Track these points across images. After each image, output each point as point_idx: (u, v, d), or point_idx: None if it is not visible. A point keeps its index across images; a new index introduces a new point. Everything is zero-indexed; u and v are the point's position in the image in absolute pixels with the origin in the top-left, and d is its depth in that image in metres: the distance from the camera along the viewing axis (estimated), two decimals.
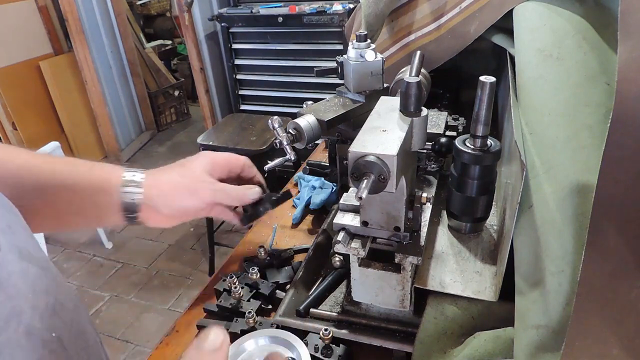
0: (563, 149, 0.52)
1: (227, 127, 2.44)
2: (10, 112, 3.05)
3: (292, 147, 0.75)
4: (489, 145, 0.65)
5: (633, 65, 0.39)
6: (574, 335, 0.41)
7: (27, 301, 0.35)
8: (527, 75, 0.63)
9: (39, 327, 0.35)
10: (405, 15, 1.04)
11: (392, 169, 0.51)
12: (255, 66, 2.84)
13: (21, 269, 0.36)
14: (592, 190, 0.40)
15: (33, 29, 3.24)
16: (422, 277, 0.65)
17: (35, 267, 0.38)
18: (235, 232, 2.90)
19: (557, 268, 0.47)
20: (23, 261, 0.37)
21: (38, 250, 0.41)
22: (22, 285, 0.35)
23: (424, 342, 0.62)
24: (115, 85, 3.78)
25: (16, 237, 0.38)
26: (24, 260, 0.37)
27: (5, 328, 0.33)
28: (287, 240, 0.98)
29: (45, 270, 0.40)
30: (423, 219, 0.66)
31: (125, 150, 3.91)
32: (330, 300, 0.75)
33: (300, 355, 0.59)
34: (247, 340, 0.61)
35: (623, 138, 0.39)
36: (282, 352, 0.60)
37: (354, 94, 0.78)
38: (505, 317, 0.59)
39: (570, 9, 0.64)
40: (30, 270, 0.37)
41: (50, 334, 0.36)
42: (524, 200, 0.55)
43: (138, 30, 4.36)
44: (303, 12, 2.50)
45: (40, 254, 0.41)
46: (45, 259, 0.42)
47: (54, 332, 0.37)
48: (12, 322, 0.33)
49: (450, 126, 0.86)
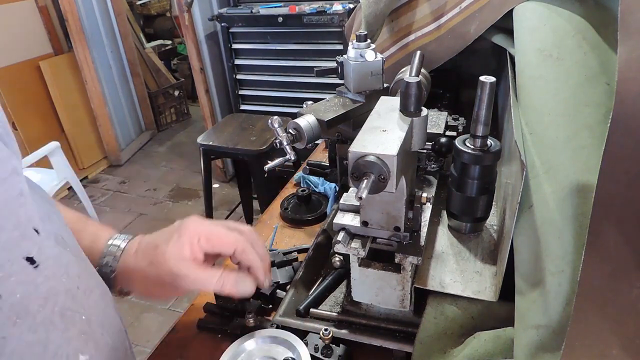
0: (563, 149, 0.52)
1: (227, 127, 2.44)
2: (10, 112, 3.05)
3: (292, 147, 0.75)
4: (489, 145, 0.65)
5: (633, 65, 0.39)
6: (574, 335, 0.41)
7: (61, 284, 0.38)
8: (527, 75, 0.63)
9: (71, 309, 0.38)
10: (405, 15, 1.04)
11: (392, 169, 0.51)
12: (255, 66, 2.83)
13: (57, 253, 0.39)
14: (592, 190, 0.40)
15: (33, 29, 3.24)
16: (422, 277, 0.65)
17: (69, 253, 0.41)
18: None
19: (557, 268, 0.47)
20: (59, 246, 0.40)
21: (72, 239, 0.44)
22: (58, 268, 0.38)
23: (424, 342, 0.62)
24: (115, 85, 3.78)
25: (53, 225, 0.41)
26: (60, 246, 0.40)
27: (43, 306, 0.36)
28: (287, 240, 0.98)
29: (78, 257, 0.43)
30: (423, 219, 0.66)
31: (125, 150, 3.91)
32: (330, 300, 0.75)
33: (300, 355, 0.59)
34: (247, 340, 0.61)
35: (623, 138, 0.39)
36: (282, 352, 0.60)
37: (354, 94, 0.78)
38: (505, 317, 0.59)
39: (570, 9, 0.64)
40: (64, 255, 0.40)
41: (80, 316, 0.39)
42: (524, 200, 0.55)
43: (138, 30, 4.36)
44: (303, 12, 2.50)
45: (73, 242, 0.44)
46: (77, 247, 0.45)
47: (84, 315, 0.40)
48: (50, 302, 0.36)
49: (450, 126, 0.86)
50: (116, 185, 3.58)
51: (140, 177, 3.67)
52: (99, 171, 3.76)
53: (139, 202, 3.32)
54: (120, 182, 3.62)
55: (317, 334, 0.67)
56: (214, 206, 2.76)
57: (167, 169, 3.76)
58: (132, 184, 3.57)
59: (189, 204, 3.25)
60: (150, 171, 3.74)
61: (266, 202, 1.29)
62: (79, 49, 3.34)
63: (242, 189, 2.74)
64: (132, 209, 3.24)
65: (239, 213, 2.90)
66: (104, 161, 3.83)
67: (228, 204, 3.12)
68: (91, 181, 3.63)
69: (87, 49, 3.37)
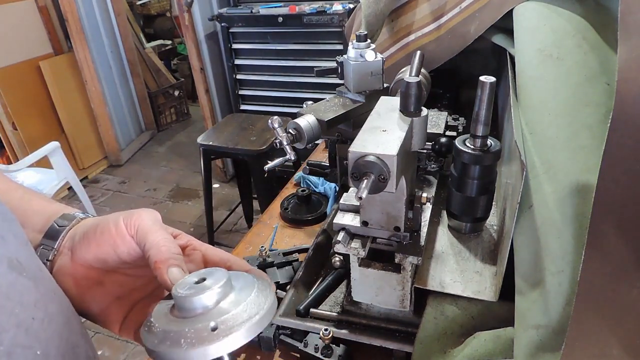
0: (563, 149, 0.52)
1: (227, 127, 2.44)
2: (10, 112, 3.05)
3: (292, 147, 0.75)
4: (489, 145, 0.65)
5: (633, 65, 0.39)
6: (574, 335, 0.41)
7: (12, 317, 0.33)
8: (527, 75, 0.63)
9: (22, 344, 0.33)
10: (405, 15, 1.04)
11: (392, 169, 0.51)
12: (255, 66, 2.83)
13: (9, 281, 0.34)
14: (592, 190, 0.40)
15: (33, 29, 3.24)
16: (422, 277, 0.65)
17: (26, 278, 0.36)
18: (235, 232, 2.90)
19: (557, 268, 0.47)
20: (13, 272, 0.35)
21: (31, 259, 0.39)
22: (9, 299, 0.34)
23: (424, 342, 0.62)
24: (115, 85, 3.78)
25: (8, 247, 0.36)
26: (14, 272, 0.35)
27: None
28: (287, 240, 0.98)
29: (36, 282, 0.38)
30: (423, 219, 0.66)
31: (125, 150, 3.91)
32: (330, 300, 0.75)
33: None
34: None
35: (623, 138, 0.39)
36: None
37: (354, 94, 0.78)
38: (505, 317, 0.59)
39: (570, 9, 0.64)
40: (19, 282, 0.35)
41: (35, 351, 0.34)
42: (524, 200, 0.55)
43: (138, 30, 4.36)
44: (303, 12, 2.50)
45: (32, 263, 0.39)
46: (37, 269, 0.39)
47: (39, 349, 0.35)
48: None
49: (450, 126, 0.86)
50: (116, 185, 3.58)
51: (140, 177, 3.67)
52: (99, 171, 3.76)
53: (139, 202, 3.32)
54: (120, 182, 3.62)
55: (317, 334, 0.67)
56: (214, 206, 2.76)
57: (167, 169, 3.76)
58: (132, 184, 3.57)
59: (189, 204, 3.25)
60: (150, 171, 3.74)
61: (266, 202, 1.29)
62: (79, 49, 3.33)
63: (242, 189, 2.74)
64: (132, 209, 3.24)
65: (239, 213, 2.90)
66: (104, 161, 3.83)
67: (228, 204, 3.12)
68: (91, 181, 3.63)
69: (87, 49, 3.37)
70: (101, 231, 0.45)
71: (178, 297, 0.36)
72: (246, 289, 0.38)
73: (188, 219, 3.05)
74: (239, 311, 0.35)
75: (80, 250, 0.45)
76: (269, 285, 0.41)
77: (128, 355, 2.15)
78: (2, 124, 3.06)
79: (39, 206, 0.50)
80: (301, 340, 0.69)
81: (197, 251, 0.49)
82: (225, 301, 0.36)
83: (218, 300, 0.36)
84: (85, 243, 0.45)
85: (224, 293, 0.36)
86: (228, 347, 0.33)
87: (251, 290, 0.37)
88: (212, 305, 0.36)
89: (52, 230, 0.47)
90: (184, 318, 0.35)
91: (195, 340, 0.33)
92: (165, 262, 0.41)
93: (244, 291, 0.37)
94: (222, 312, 0.35)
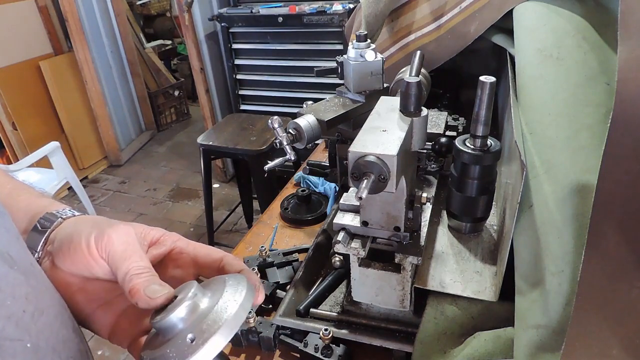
0: (563, 149, 0.52)
1: (227, 127, 2.44)
2: (10, 112, 3.05)
3: (292, 147, 0.75)
4: (489, 145, 0.65)
5: (633, 65, 0.39)
6: (574, 335, 0.41)
7: (2, 308, 0.33)
8: (527, 75, 0.63)
9: (11, 337, 0.33)
10: (405, 15, 1.04)
11: (392, 169, 0.51)
12: (255, 66, 2.83)
13: (1, 273, 0.34)
14: (592, 190, 0.40)
15: (33, 29, 3.24)
16: (422, 277, 0.65)
17: (17, 272, 0.36)
18: (235, 232, 2.90)
19: (557, 268, 0.47)
20: (4, 265, 0.35)
21: (22, 254, 0.39)
22: (1, 291, 0.34)
23: (424, 342, 0.62)
24: (115, 85, 3.78)
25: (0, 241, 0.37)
26: (5, 264, 0.35)
27: None
28: (287, 240, 0.98)
29: (28, 276, 0.38)
30: (423, 219, 0.66)
31: (125, 150, 3.91)
32: (330, 300, 0.75)
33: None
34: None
35: (623, 138, 0.39)
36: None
37: (354, 94, 0.78)
38: (505, 317, 0.59)
39: (570, 9, 0.64)
40: (10, 275, 0.35)
41: (25, 344, 0.34)
42: (524, 200, 0.55)
43: (138, 30, 4.36)
44: (303, 12, 2.50)
45: (24, 257, 0.39)
46: (29, 263, 0.39)
47: (29, 342, 0.35)
48: None
49: (450, 126, 0.86)
50: (116, 185, 3.58)
51: (140, 177, 3.67)
52: (99, 171, 3.76)
53: (139, 202, 3.32)
54: (120, 182, 3.62)
55: (317, 334, 0.67)
56: (214, 206, 2.76)
57: (167, 169, 3.76)
58: (132, 184, 3.57)
59: (189, 204, 3.25)
60: (150, 171, 3.74)
61: (266, 202, 1.29)
62: (79, 49, 3.33)
63: (242, 189, 2.74)
64: (132, 209, 3.24)
65: (239, 213, 2.90)
66: (104, 161, 3.83)
67: (228, 204, 3.12)
68: (91, 181, 3.63)
69: (87, 49, 3.37)
70: (74, 249, 0.43)
71: (155, 324, 0.37)
72: (217, 290, 0.38)
73: (188, 219, 3.05)
74: (213, 315, 0.35)
75: (57, 259, 0.44)
76: (242, 279, 0.40)
77: (128, 355, 2.14)
78: (2, 124, 3.06)
79: (25, 203, 0.49)
80: (301, 340, 0.69)
81: (184, 254, 0.47)
82: (199, 309, 0.36)
83: (190, 311, 0.36)
84: (60, 255, 0.44)
85: (195, 303, 0.37)
86: (210, 352, 0.34)
87: (222, 290, 0.37)
88: (187, 315, 0.36)
89: (34, 234, 0.46)
90: (168, 341, 0.36)
91: (178, 357, 0.34)
92: (139, 286, 0.40)
93: (216, 294, 0.38)
94: (198, 321, 0.35)
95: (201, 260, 0.47)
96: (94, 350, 2.17)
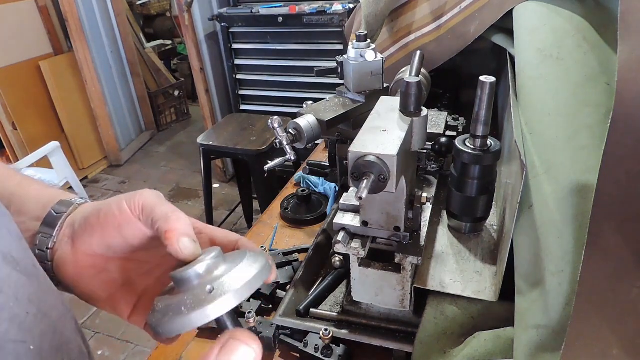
0: (563, 149, 0.52)
1: (227, 127, 2.44)
2: (10, 112, 3.05)
3: (292, 147, 0.75)
4: (489, 145, 0.65)
5: (633, 65, 0.39)
6: (574, 335, 0.41)
7: (6, 310, 0.33)
8: (527, 75, 0.63)
9: (14, 339, 0.33)
10: (405, 15, 1.04)
11: (392, 169, 0.51)
12: (255, 66, 2.83)
13: (3, 275, 0.34)
14: (592, 190, 0.40)
15: (33, 29, 3.24)
16: (422, 277, 0.65)
17: (20, 273, 0.36)
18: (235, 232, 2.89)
19: (557, 268, 0.47)
20: (7, 267, 0.35)
21: (24, 255, 0.39)
22: (3, 292, 0.33)
23: (424, 342, 0.62)
24: (115, 85, 3.78)
25: (3, 242, 0.36)
26: (8, 266, 0.35)
27: None
28: (287, 240, 0.98)
29: (30, 277, 0.37)
30: (423, 219, 0.66)
31: (125, 150, 3.91)
32: (330, 300, 0.75)
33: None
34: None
35: (623, 138, 0.39)
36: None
37: (354, 94, 0.78)
38: (505, 317, 0.59)
39: (570, 9, 0.64)
40: (13, 276, 0.35)
41: (28, 346, 0.34)
42: (524, 200, 0.55)
43: (138, 30, 4.36)
44: (303, 12, 2.50)
45: (26, 258, 0.39)
46: (31, 264, 0.39)
47: (33, 344, 0.35)
48: None
49: (450, 126, 0.86)
50: (116, 185, 3.58)
51: (140, 177, 3.67)
52: (99, 171, 3.76)
53: None
54: (120, 182, 3.62)
55: (317, 334, 0.67)
56: (214, 206, 2.76)
57: (167, 169, 3.76)
58: (132, 184, 3.57)
59: (189, 204, 3.25)
60: (150, 171, 3.74)
61: (266, 202, 1.29)
62: (79, 49, 3.33)
63: (242, 189, 2.74)
64: None
65: (239, 213, 2.90)
66: (104, 161, 3.83)
67: (228, 204, 3.12)
68: (91, 181, 3.63)
69: (87, 49, 3.37)
70: (105, 215, 0.44)
71: (174, 276, 0.38)
72: (237, 258, 0.39)
73: None
74: (231, 276, 0.37)
75: (83, 237, 0.44)
76: (262, 253, 0.42)
77: (128, 355, 2.15)
78: (2, 124, 3.06)
79: (36, 192, 0.49)
80: (301, 340, 0.69)
81: (202, 234, 0.48)
82: (218, 269, 0.38)
83: (210, 269, 0.38)
84: (88, 229, 0.44)
85: (216, 263, 0.38)
86: (225, 306, 0.35)
87: (242, 259, 0.39)
88: (205, 273, 0.37)
89: (49, 218, 0.46)
90: (184, 292, 0.37)
91: (194, 304, 0.34)
92: (176, 231, 0.40)
93: (235, 260, 0.39)
94: (216, 278, 0.37)
95: (218, 241, 0.48)
96: (95, 350, 2.17)
